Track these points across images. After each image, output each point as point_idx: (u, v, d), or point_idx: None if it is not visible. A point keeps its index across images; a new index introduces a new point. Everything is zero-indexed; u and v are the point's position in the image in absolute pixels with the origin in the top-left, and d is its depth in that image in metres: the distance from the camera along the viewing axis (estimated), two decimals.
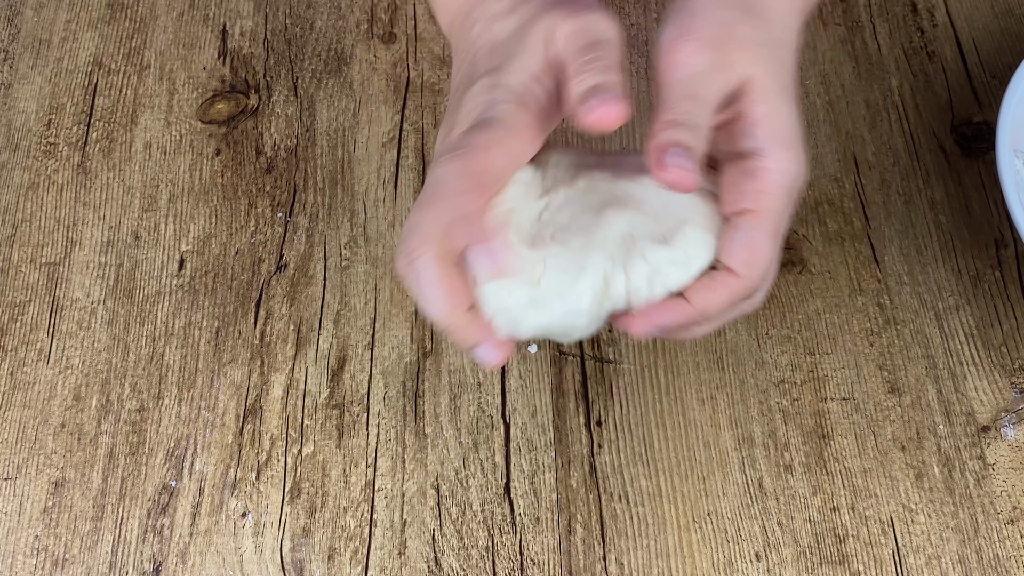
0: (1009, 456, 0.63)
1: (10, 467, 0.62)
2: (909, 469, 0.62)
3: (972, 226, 0.71)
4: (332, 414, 0.64)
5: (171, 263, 0.69)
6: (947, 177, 0.73)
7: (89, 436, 0.63)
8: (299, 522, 0.60)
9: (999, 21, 0.80)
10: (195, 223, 0.70)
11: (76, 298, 0.67)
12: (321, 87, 0.76)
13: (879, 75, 0.77)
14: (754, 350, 0.66)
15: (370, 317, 0.67)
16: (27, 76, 0.77)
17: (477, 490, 0.61)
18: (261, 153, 0.73)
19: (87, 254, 0.69)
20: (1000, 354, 0.66)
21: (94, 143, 0.74)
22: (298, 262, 0.69)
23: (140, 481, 0.61)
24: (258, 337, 0.66)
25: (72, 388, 0.64)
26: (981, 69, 0.78)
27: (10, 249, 0.69)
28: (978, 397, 0.65)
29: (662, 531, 0.60)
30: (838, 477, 0.62)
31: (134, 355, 0.66)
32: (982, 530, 0.60)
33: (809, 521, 0.61)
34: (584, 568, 0.59)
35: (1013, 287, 0.68)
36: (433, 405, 0.64)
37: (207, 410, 0.64)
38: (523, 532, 0.60)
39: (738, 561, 0.59)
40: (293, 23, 0.79)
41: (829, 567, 0.59)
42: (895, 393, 0.65)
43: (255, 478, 0.61)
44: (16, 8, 0.80)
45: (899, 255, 0.70)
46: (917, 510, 0.61)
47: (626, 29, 0.79)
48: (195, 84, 0.76)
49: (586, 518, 0.60)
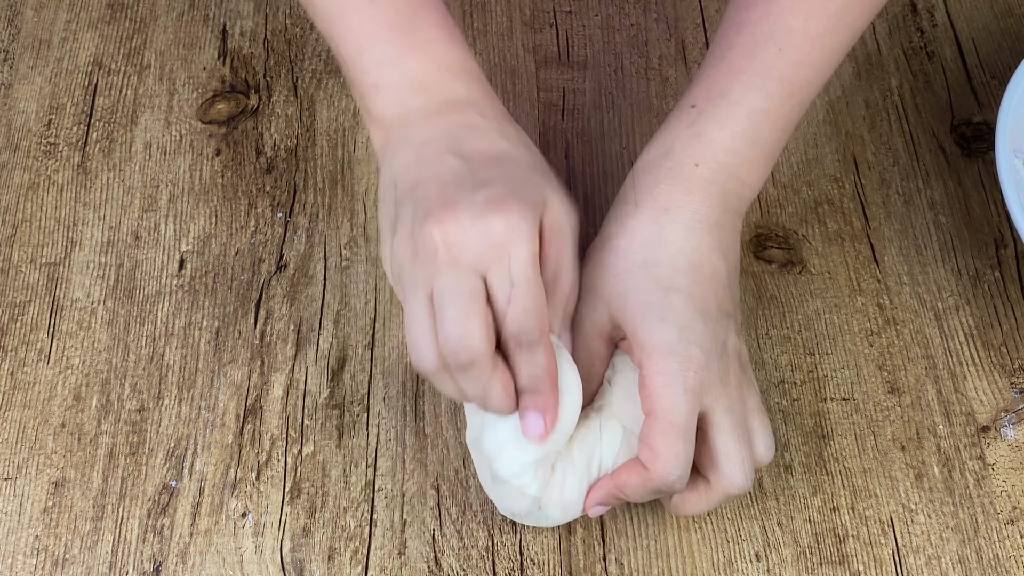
0: (1009, 456, 0.63)
1: (10, 467, 0.62)
2: (909, 469, 0.62)
3: (972, 226, 0.71)
4: (332, 414, 0.64)
5: (171, 263, 0.69)
6: (947, 177, 0.73)
7: (89, 436, 0.63)
8: (299, 522, 0.60)
9: (999, 21, 0.80)
10: (195, 223, 0.70)
11: (76, 298, 0.67)
12: (321, 87, 0.76)
13: (879, 75, 0.77)
14: (754, 350, 0.66)
15: (370, 317, 0.67)
16: (27, 76, 0.77)
17: (477, 490, 0.61)
18: (261, 153, 0.73)
19: (87, 254, 0.69)
20: (1000, 354, 0.66)
21: (94, 143, 0.74)
22: (298, 262, 0.69)
23: (140, 481, 0.61)
24: (258, 337, 0.66)
25: (72, 388, 0.64)
26: (981, 69, 0.78)
27: (10, 249, 0.69)
28: (978, 397, 0.65)
29: (662, 531, 0.60)
30: (838, 477, 0.62)
31: (134, 355, 0.66)
32: (982, 530, 0.60)
33: (809, 521, 0.61)
34: (584, 568, 0.59)
35: (1013, 287, 0.69)
36: (433, 405, 0.64)
37: (207, 410, 0.64)
38: (523, 532, 0.60)
39: (738, 561, 0.59)
40: (293, 23, 0.79)
41: (829, 567, 0.59)
42: (895, 393, 0.65)
43: (255, 478, 0.61)
44: (16, 8, 0.80)
45: (899, 255, 0.70)
46: (917, 510, 0.61)
47: (626, 29, 0.79)
48: (195, 84, 0.76)
49: (586, 518, 0.60)
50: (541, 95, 0.76)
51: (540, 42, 0.79)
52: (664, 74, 0.77)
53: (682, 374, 0.52)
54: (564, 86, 0.77)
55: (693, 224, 0.55)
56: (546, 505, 0.56)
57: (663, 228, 0.55)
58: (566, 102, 0.76)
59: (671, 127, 0.58)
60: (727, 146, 0.56)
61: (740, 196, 0.57)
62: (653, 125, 0.75)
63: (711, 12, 0.80)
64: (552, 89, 0.77)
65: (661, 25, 0.79)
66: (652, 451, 0.52)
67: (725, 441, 0.53)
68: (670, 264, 0.54)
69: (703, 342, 0.53)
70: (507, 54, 0.78)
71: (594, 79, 0.77)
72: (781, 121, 0.57)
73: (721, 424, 0.53)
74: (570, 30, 0.79)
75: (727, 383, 0.54)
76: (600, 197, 0.72)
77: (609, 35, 0.79)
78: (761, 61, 0.56)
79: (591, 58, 0.78)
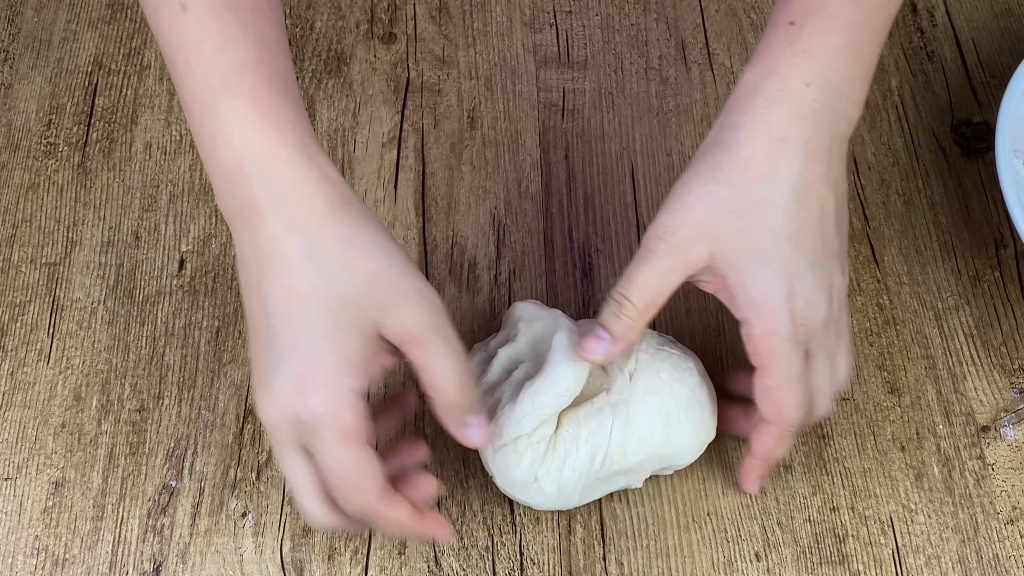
0: (1009, 456, 0.63)
1: (10, 467, 0.62)
2: (909, 469, 0.62)
3: (972, 226, 0.71)
4: None
5: (171, 263, 0.69)
6: (947, 177, 0.73)
7: (89, 436, 0.63)
8: (299, 522, 0.60)
9: (999, 21, 0.80)
10: (195, 223, 0.70)
11: (76, 298, 0.67)
12: (321, 87, 0.76)
13: (879, 75, 0.77)
14: None
15: None
16: (27, 76, 0.77)
17: (477, 490, 0.61)
18: None
19: (87, 254, 0.69)
20: (1000, 354, 0.66)
21: (94, 143, 0.74)
22: None
23: (140, 481, 0.61)
24: None
25: (72, 388, 0.64)
26: (981, 69, 0.78)
27: (10, 249, 0.69)
28: (978, 397, 0.65)
29: (662, 531, 0.60)
30: (838, 477, 0.62)
31: (134, 355, 0.66)
32: (982, 530, 0.60)
33: (809, 521, 0.61)
34: (584, 568, 0.59)
35: (1013, 287, 0.69)
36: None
37: (207, 410, 0.64)
38: (523, 532, 0.60)
39: (738, 561, 0.59)
40: (293, 23, 0.79)
41: (829, 567, 0.59)
42: (895, 393, 0.65)
43: (255, 478, 0.61)
44: (16, 8, 0.80)
45: (899, 255, 0.70)
46: (917, 510, 0.61)
47: (626, 29, 0.79)
48: None
49: (586, 518, 0.60)
50: (541, 95, 0.76)
51: (540, 42, 0.79)
52: (664, 74, 0.77)
53: (791, 329, 0.52)
54: (564, 86, 0.77)
55: (807, 156, 0.53)
56: (542, 479, 0.56)
57: (778, 162, 0.53)
58: (566, 102, 0.76)
59: (771, 45, 0.55)
60: (832, 62, 0.54)
61: (848, 117, 0.55)
62: (653, 125, 0.75)
63: (711, 12, 0.80)
64: (552, 89, 0.77)
65: (661, 25, 0.79)
66: (776, 406, 0.54)
67: (820, 384, 0.55)
68: (784, 205, 0.52)
69: (810, 293, 0.53)
70: (507, 54, 0.78)
71: (594, 79, 0.77)
72: (876, 35, 0.55)
73: (821, 368, 0.55)
74: (570, 30, 0.79)
75: (828, 328, 0.54)
76: (600, 197, 0.72)
77: (609, 35, 0.79)
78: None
79: (591, 58, 0.78)
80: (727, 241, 0.53)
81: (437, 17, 0.79)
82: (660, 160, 0.73)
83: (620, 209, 0.71)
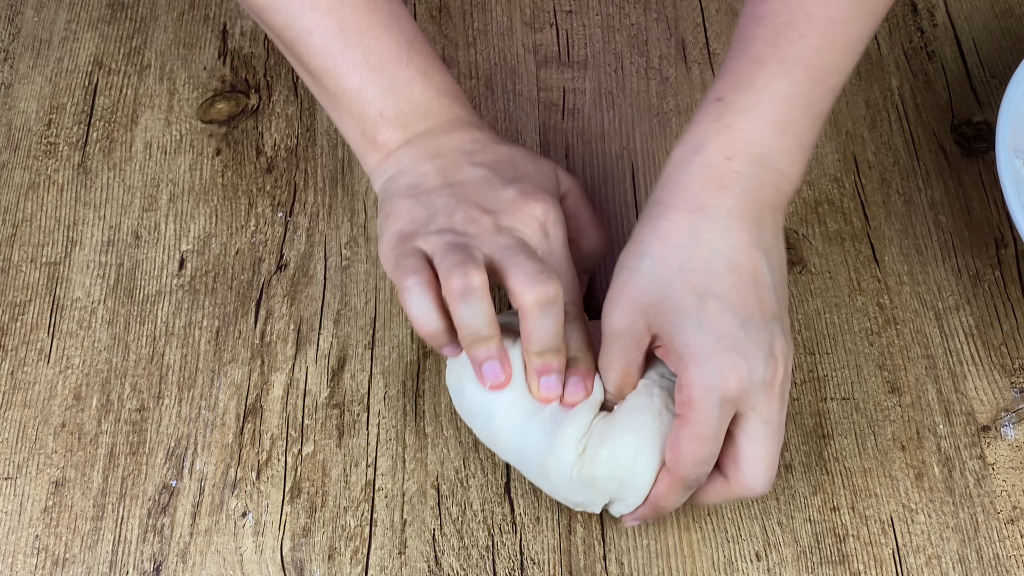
0: (1009, 456, 0.63)
1: (10, 467, 0.62)
2: (909, 469, 0.62)
3: (972, 226, 0.71)
4: (332, 414, 0.64)
5: (171, 263, 0.69)
6: (947, 177, 0.73)
7: (89, 436, 0.63)
8: (299, 522, 0.60)
9: (999, 21, 0.80)
10: (195, 223, 0.70)
11: (76, 298, 0.67)
12: None
13: (879, 75, 0.77)
14: None
15: (370, 317, 0.67)
16: (27, 76, 0.77)
17: (477, 490, 0.61)
18: (261, 153, 0.73)
19: (87, 254, 0.69)
20: (1000, 354, 0.66)
21: (94, 143, 0.74)
22: (298, 262, 0.69)
23: (140, 481, 0.61)
24: (258, 337, 0.66)
25: (72, 388, 0.64)
26: (981, 69, 0.78)
27: (10, 249, 0.69)
28: (978, 397, 0.65)
29: (662, 531, 0.60)
30: (838, 477, 0.62)
31: (134, 355, 0.66)
32: (982, 530, 0.60)
33: (809, 521, 0.61)
34: (584, 568, 0.59)
35: (1013, 287, 0.69)
36: (433, 405, 0.64)
37: (207, 410, 0.64)
38: (523, 532, 0.60)
39: (738, 561, 0.59)
40: None
41: (829, 567, 0.59)
42: (895, 393, 0.65)
43: (255, 478, 0.61)
44: (16, 8, 0.80)
45: (899, 255, 0.70)
46: (917, 510, 0.61)
47: (626, 29, 0.79)
48: (195, 84, 0.76)
49: (586, 518, 0.60)
50: (541, 95, 0.76)
51: (540, 42, 0.79)
52: (664, 74, 0.77)
53: (720, 383, 0.51)
54: (564, 86, 0.77)
55: (729, 222, 0.53)
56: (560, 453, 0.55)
57: (697, 229, 0.53)
58: (566, 102, 0.76)
59: (698, 122, 0.56)
60: (757, 136, 0.54)
61: (778, 189, 0.55)
62: (653, 125, 0.75)
63: (711, 12, 0.80)
64: (552, 89, 0.77)
65: (661, 25, 0.80)
66: (675, 455, 0.53)
67: (754, 448, 0.53)
68: (706, 267, 0.53)
69: (744, 348, 0.52)
70: (507, 54, 0.78)
71: (594, 79, 0.77)
72: (812, 108, 0.56)
73: (756, 432, 0.53)
74: (570, 30, 0.79)
75: (771, 390, 0.53)
76: (600, 197, 0.72)
77: (609, 35, 0.79)
78: (784, 49, 0.55)
79: (591, 58, 0.78)
80: (656, 309, 0.53)
81: (437, 17, 0.79)
82: (660, 160, 0.73)
83: (620, 209, 0.71)
